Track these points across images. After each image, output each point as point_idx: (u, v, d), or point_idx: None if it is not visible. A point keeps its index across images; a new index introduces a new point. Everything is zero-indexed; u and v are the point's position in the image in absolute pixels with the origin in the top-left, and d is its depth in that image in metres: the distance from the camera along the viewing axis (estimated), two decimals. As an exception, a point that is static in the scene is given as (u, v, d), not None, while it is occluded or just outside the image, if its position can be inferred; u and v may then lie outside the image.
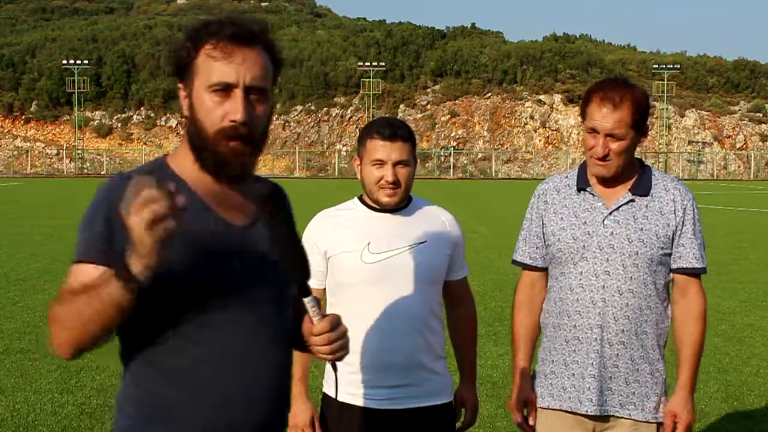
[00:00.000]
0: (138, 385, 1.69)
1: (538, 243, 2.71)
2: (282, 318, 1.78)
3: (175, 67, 1.72)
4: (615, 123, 2.47)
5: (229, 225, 1.71)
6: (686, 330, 2.59)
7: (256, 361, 1.70)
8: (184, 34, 1.71)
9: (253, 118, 1.66)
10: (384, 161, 2.53)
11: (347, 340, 1.72)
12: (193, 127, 1.69)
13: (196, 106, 1.67)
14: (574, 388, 2.56)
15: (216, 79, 1.64)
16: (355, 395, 2.58)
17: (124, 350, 1.71)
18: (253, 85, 1.66)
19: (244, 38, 1.67)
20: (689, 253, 2.57)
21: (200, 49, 1.67)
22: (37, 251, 13.44)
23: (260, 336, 1.71)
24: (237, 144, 1.65)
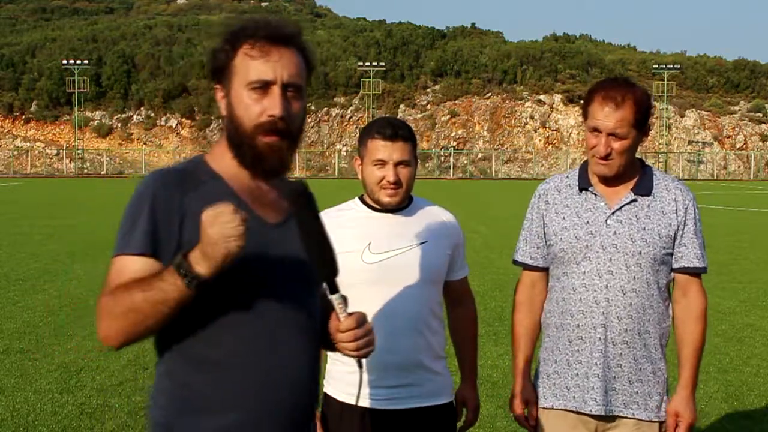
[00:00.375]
0: (171, 376, 1.74)
1: (539, 243, 2.71)
2: (311, 314, 1.83)
3: (213, 69, 1.78)
4: (617, 122, 2.48)
5: (263, 222, 1.76)
6: (687, 329, 2.60)
7: (287, 355, 1.75)
8: (220, 37, 1.77)
9: (290, 114, 1.73)
10: (385, 161, 2.53)
11: (373, 338, 1.77)
12: (231, 124, 1.75)
13: (234, 103, 1.73)
14: (578, 388, 2.57)
15: (254, 76, 1.71)
16: (355, 395, 2.57)
17: (158, 342, 1.76)
18: (289, 82, 1.73)
19: (280, 38, 1.73)
20: (691, 252, 2.58)
21: (238, 49, 1.73)
22: (37, 251, 13.44)
23: (291, 331, 1.76)
24: (274, 138, 1.71)
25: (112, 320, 1.61)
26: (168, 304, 1.57)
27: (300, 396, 1.78)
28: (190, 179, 1.73)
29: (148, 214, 1.67)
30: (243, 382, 1.70)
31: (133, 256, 1.66)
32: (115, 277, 1.66)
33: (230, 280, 1.64)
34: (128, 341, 1.63)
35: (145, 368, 6.22)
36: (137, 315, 1.58)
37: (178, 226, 1.67)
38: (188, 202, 1.69)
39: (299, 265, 1.75)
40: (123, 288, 1.61)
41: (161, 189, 1.69)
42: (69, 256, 12.92)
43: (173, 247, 1.66)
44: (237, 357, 1.70)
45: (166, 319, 1.61)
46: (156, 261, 1.65)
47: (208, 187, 1.73)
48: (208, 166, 1.79)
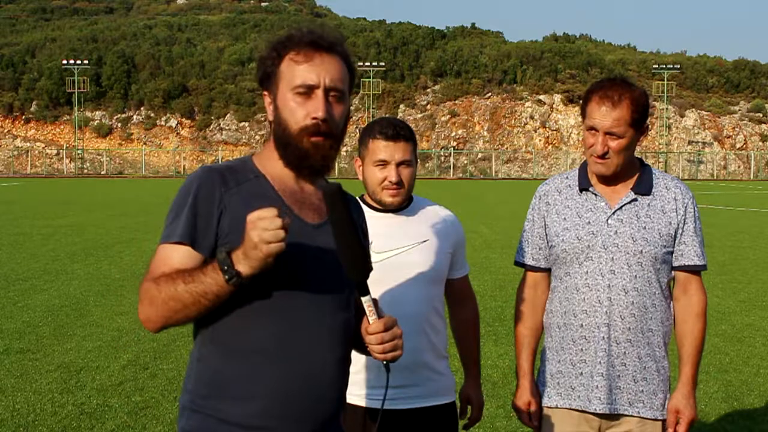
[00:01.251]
0: (203, 362, 1.82)
1: (540, 244, 2.72)
2: (344, 315, 1.88)
3: (260, 76, 1.88)
4: (614, 121, 2.49)
5: (302, 222, 1.84)
6: (688, 327, 2.61)
7: (316, 352, 1.81)
8: (268, 46, 1.88)
9: (332, 116, 1.82)
10: (387, 161, 2.53)
11: (400, 343, 1.82)
12: (278, 126, 1.84)
13: (281, 107, 1.83)
14: (583, 387, 2.57)
15: (299, 81, 1.80)
16: (358, 395, 2.58)
17: (196, 329, 1.85)
18: (332, 86, 1.82)
19: (323, 45, 1.83)
20: (691, 250, 2.59)
21: (284, 57, 1.84)
22: (37, 251, 13.44)
23: (321, 330, 1.82)
24: (318, 139, 1.80)
25: (153, 306, 1.71)
26: (208, 297, 1.67)
27: (325, 394, 1.83)
28: (234, 176, 1.82)
29: (190, 206, 1.77)
30: (271, 375, 1.76)
31: (175, 245, 1.76)
32: (159, 264, 1.76)
33: (267, 276, 1.71)
34: (166, 326, 1.74)
35: (145, 368, 6.23)
36: (177, 304, 1.68)
37: (217, 219, 1.77)
38: (229, 197, 1.78)
39: (335, 265, 1.79)
40: (167, 277, 1.70)
41: (205, 183, 1.79)
42: (69, 256, 12.92)
43: (211, 238, 1.77)
44: (267, 350, 1.77)
45: (205, 310, 1.71)
46: (195, 251, 1.76)
47: (250, 185, 1.83)
48: (254, 165, 1.88)
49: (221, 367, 1.79)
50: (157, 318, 1.72)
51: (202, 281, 1.67)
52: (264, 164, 1.88)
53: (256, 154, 1.94)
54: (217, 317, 1.77)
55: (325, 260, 1.83)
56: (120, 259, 12.66)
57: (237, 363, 1.78)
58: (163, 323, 1.73)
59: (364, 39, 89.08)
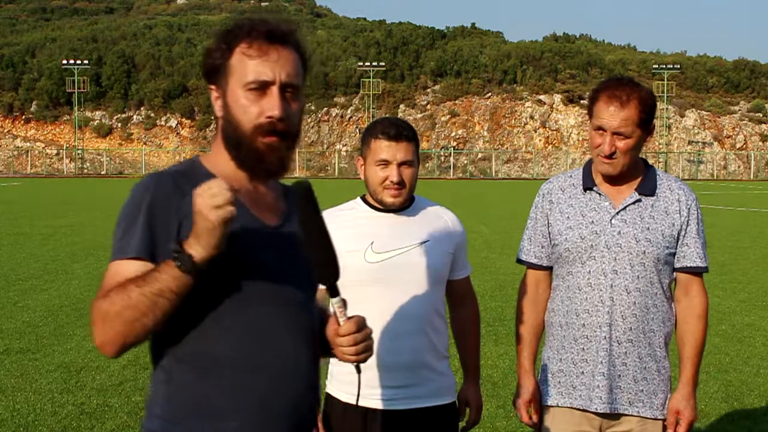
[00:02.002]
0: (170, 382, 1.70)
1: (543, 242, 2.72)
2: (310, 318, 1.80)
3: (207, 69, 1.75)
4: (622, 121, 2.49)
5: (261, 223, 1.75)
6: (689, 328, 2.61)
7: (287, 358, 1.72)
8: (216, 36, 1.74)
9: (288, 114, 1.70)
10: (389, 161, 2.53)
11: (371, 342, 1.74)
12: (229, 125, 1.71)
13: (231, 104, 1.70)
14: (585, 386, 2.58)
15: (252, 77, 1.68)
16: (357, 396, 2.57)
17: (154, 349, 1.73)
18: (288, 82, 1.69)
19: (277, 37, 1.70)
20: (693, 252, 2.60)
21: (234, 49, 1.70)
22: (37, 251, 13.44)
23: (290, 334, 1.73)
24: (274, 139, 1.68)
25: (107, 323, 1.55)
26: (165, 295, 1.53)
27: (301, 400, 1.76)
28: (187, 181, 1.68)
29: (144, 218, 1.64)
30: (243, 386, 1.67)
31: (130, 260, 1.62)
32: (110, 281, 1.61)
33: (228, 281, 1.64)
34: (126, 345, 1.58)
35: (145, 368, 6.22)
36: (134, 312, 1.53)
37: (176, 228, 1.64)
38: (187, 204, 1.63)
39: (298, 267, 1.73)
40: (118, 288, 1.56)
41: (158, 192, 1.66)
42: (69, 256, 12.91)
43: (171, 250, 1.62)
44: (236, 360, 1.67)
45: (165, 314, 1.56)
46: (152, 264, 1.61)
47: None
48: (204, 168, 1.76)
49: (194, 385, 1.67)
50: (114, 336, 1.56)
51: (157, 279, 1.53)
52: (215, 165, 1.76)
53: (203, 155, 1.81)
54: (182, 332, 1.65)
55: (287, 262, 1.74)
56: (120, 259, 12.64)
57: (210, 379, 1.67)
58: (121, 340, 1.56)
59: (364, 39, 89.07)
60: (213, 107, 1.76)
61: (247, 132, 1.68)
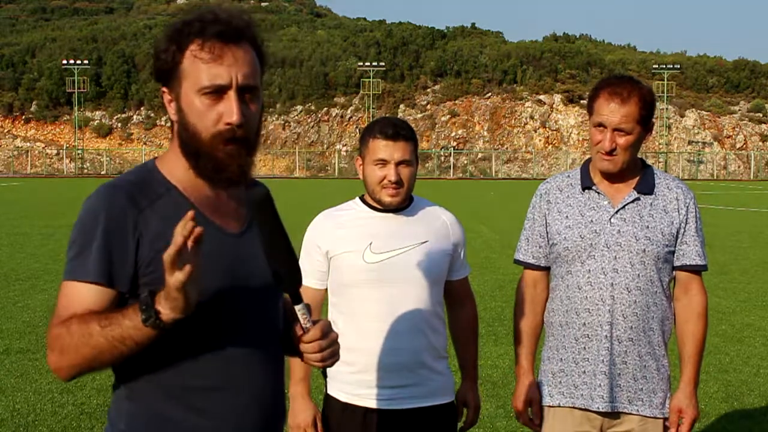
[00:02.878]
0: (133, 399, 1.63)
1: (541, 242, 2.72)
2: (275, 326, 1.75)
3: (157, 71, 1.64)
4: (622, 117, 2.50)
5: (223, 232, 1.67)
6: (689, 327, 2.62)
7: (258, 370, 1.68)
8: (164, 35, 1.62)
9: (248, 119, 1.60)
10: (387, 161, 2.52)
11: (338, 347, 1.69)
12: (185, 132, 1.62)
13: (186, 110, 1.60)
14: (586, 386, 2.58)
15: (207, 81, 1.57)
16: (357, 395, 2.58)
17: (118, 366, 1.63)
18: (245, 84, 1.59)
19: (231, 36, 1.59)
20: (692, 250, 2.60)
21: (185, 50, 1.59)
22: (37, 251, 13.44)
23: (258, 346, 1.68)
24: (234, 147, 1.59)
25: (65, 354, 1.51)
26: (125, 342, 1.47)
27: (271, 415, 1.72)
28: (143, 193, 1.60)
29: (101, 236, 1.54)
30: (216, 409, 1.62)
31: (86, 284, 1.54)
32: (66, 305, 1.55)
33: (201, 300, 1.56)
34: (80, 374, 1.55)
35: (145, 368, 6.23)
36: (92, 351, 1.48)
37: (134, 247, 1.56)
38: (144, 221, 1.57)
39: (262, 275, 1.64)
40: (80, 320, 1.50)
41: (114, 208, 1.56)
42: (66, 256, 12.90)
43: (129, 270, 1.56)
44: (207, 383, 1.61)
45: (122, 358, 1.51)
46: (110, 289, 1.55)
47: (164, 201, 1.61)
48: (161, 175, 1.65)
49: (160, 407, 1.60)
50: (69, 367, 1.52)
51: (120, 324, 1.46)
52: (172, 172, 1.66)
53: (159, 158, 1.70)
54: (147, 354, 1.55)
55: (252, 270, 1.66)
56: (120, 259, 12.65)
57: (178, 402, 1.60)
58: (76, 372, 1.53)
59: (364, 39, 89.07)
60: (167, 110, 1.66)
61: (206, 140, 1.59)
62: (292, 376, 2.64)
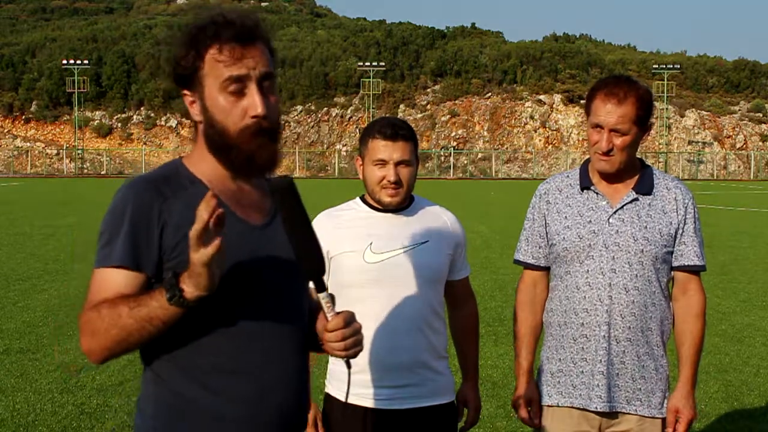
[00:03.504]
0: (159, 383, 1.70)
1: (540, 242, 2.72)
2: (300, 317, 1.80)
3: (178, 76, 1.72)
4: (619, 118, 2.50)
5: (247, 225, 1.73)
6: (687, 327, 2.62)
7: (278, 359, 1.72)
8: (182, 41, 1.70)
9: (270, 110, 1.69)
10: (386, 161, 2.53)
11: (361, 337, 1.72)
12: (212, 130, 1.69)
13: (211, 108, 1.68)
14: (584, 385, 2.58)
15: (227, 75, 1.66)
16: (357, 395, 2.58)
17: (145, 349, 1.71)
18: (264, 73, 1.68)
19: (246, 37, 1.67)
20: (691, 251, 2.60)
21: (204, 55, 1.68)
22: (37, 251, 13.43)
23: (281, 336, 1.74)
24: (262, 138, 1.68)
25: (95, 337, 1.58)
26: (153, 322, 1.55)
27: (292, 403, 1.75)
28: (169, 185, 1.69)
29: (128, 225, 1.63)
30: (231, 392, 1.67)
31: (114, 269, 1.62)
32: (98, 290, 1.63)
33: (222, 288, 1.61)
34: (111, 357, 1.62)
35: (145, 368, 6.23)
36: (121, 332, 1.56)
37: (158, 235, 1.64)
38: (168, 209, 1.65)
39: (286, 265, 1.72)
40: (109, 303, 1.58)
41: (140, 198, 1.65)
42: (69, 256, 12.91)
43: (154, 256, 1.64)
44: (227, 367, 1.67)
45: (153, 337, 1.58)
46: (138, 273, 1.63)
47: (189, 192, 1.69)
48: (187, 170, 1.74)
49: (181, 389, 1.67)
50: (100, 349, 1.60)
51: (147, 304, 1.55)
52: (197, 167, 1.74)
53: (185, 157, 1.80)
54: (172, 337, 1.64)
55: (276, 261, 1.73)
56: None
57: (197, 384, 1.67)
58: (107, 354, 1.61)
59: (364, 39, 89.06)
60: (189, 112, 1.73)
61: (234, 135, 1.67)
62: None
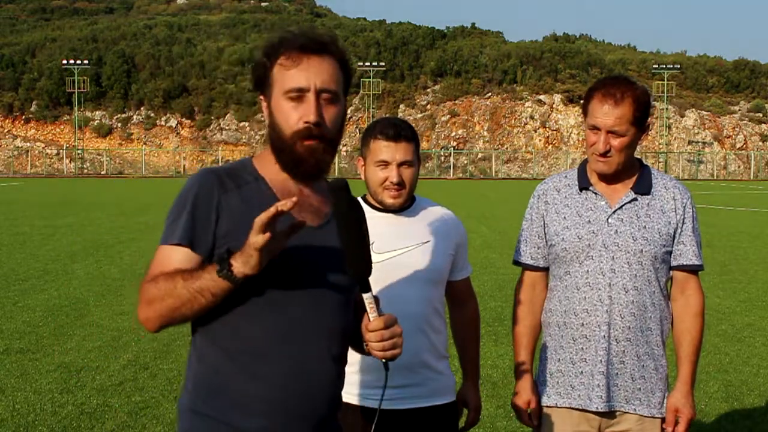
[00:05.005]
0: (202, 361, 1.84)
1: (539, 243, 2.72)
2: (344, 316, 1.90)
3: (255, 80, 1.90)
4: (616, 119, 2.50)
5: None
6: (686, 327, 2.62)
7: (313, 351, 1.83)
8: (261, 50, 1.89)
9: (325, 119, 1.82)
10: (388, 162, 2.53)
11: (400, 341, 1.82)
12: (273, 131, 1.86)
13: (275, 112, 1.85)
14: (584, 386, 2.58)
15: (290, 85, 1.81)
16: (358, 395, 2.58)
17: (194, 328, 1.86)
18: (323, 88, 1.82)
19: (313, 48, 1.83)
20: (689, 250, 2.61)
21: (275, 62, 1.84)
22: (37, 251, 13.43)
23: (321, 329, 1.84)
24: (312, 143, 1.81)
25: (152, 305, 1.73)
26: (204, 294, 1.69)
27: (323, 393, 1.85)
28: (233, 179, 1.85)
29: (189, 209, 1.80)
30: (270, 376, 1.78)
31: (174, 246, 1.78)
32: (158, 264, 1.78)
33: (267, 279, 1.74)
34: (165, 325, 1.76)
35: (145, 368, 6.23)
36: (175, 301, 1.70)
37: (214, 221, 1.79)
38: (227, 200, 1.81)
39: (337, 267, 1.83)
40: (166, 275, 1.73)
41: (204, 186, 1.82)
42: (69, 256, 12.91)
43: (209, 240, 1.79)
44: (266, 350, 1.78)
45: (201, 309, 1.72)
46: (193, 252, 1.78)
47: (249, 188, 1.85)
48: (253, 168, 1.90)
49: (221, 368, 1.80)
50: (156, 317, 1.74)
51: (200, 277, 1.69)
52: (263, 167, 1.90)
53: (256, 155, 1.95)
54: (217, 317, 1.78)
55: (325, 261, 1.85)
56: (120, 259, 12.66)
57: (236, 364, 1.79)
58: (161, 322, 1.75)
59: (364, 39, 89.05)
60: (264, 116, 1.91)
61: (288, 137, 1.82)
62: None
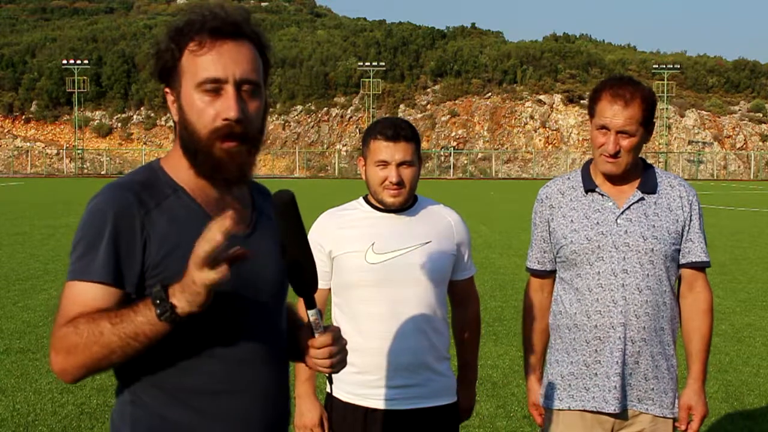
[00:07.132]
0: (139, 405, 1.60)
1: (545, 247, 2.72)
2: (281, 329, 1.74)
3: (159, 71, 1.62)
4: (626, 120, 2.49)
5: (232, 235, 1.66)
6: (695, 324, 2.62)
7: (265, 375, 1.66)
8: (165, 35, 1.60)
9: (247, 115, 1.56)
10: (388, 162, 2.52)
11: (346, 354, 1.68)
12: (184, 130, 1.60)
13: (185, 108, 1.58)
14: (599, 388, 2.55)
15: (203, 76, 1.55)
16: (359, 396, 2.57)
17: (122, 370, 1.61)
18: (243, 78, 1.56)
19: (228, 31, 1.56)
20: (697, 247, 2.61)
21: (185, 48, 1.57)
22: (37, 251, 13.43)
23: (264, 349, 1.66)
24: (232, 144, 1.56)
25: (72, 355, 1.47)
26: (138, 339, 1.44)
27: (277, 417, 1.70)
28: (150, 194, 1.57)
29: (108, 237, 1.51)
30: (215, 414, 1.59)
31: (93, 284, 1.51)
32: (71, 304, 1.52)
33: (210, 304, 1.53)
34: (87, 375, 1.51)
35: (146, 368, 6.23)
36: (103, 349, 1.45)
37: (141, 248, 1.53)
38: (150, 222, 1.54)
39: (268, 277, 1.66)
40: (88, 318, 1.47)
41: (121, 208, 1.53)
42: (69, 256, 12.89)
43: (137, 272, 1.53)
44: (214, 385, 1.59)
45: (136, 354, 1.47)
46: (117, 289, 1.52)
47: (171, 202, 1.59)
48: (167, 176, 1.63)
49: (164, 411, 1.57)
50: (76, 367, 1.48)
51: (133, 320, 1.43)
52: (177, 173, 1.63)
53: (163, 159, 1.68)
54: (153, 356, 1.53)
55: (257, 272, 1.63)
56: (120, 259, 12.65)
57: (182, 405, 1.57)
58: (83, 373, 1.49)
59: (364, 39, 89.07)
60: (170, 111, 1.65)
61: (203, 137, 1.56)
62: (298, 377, 2.64)
